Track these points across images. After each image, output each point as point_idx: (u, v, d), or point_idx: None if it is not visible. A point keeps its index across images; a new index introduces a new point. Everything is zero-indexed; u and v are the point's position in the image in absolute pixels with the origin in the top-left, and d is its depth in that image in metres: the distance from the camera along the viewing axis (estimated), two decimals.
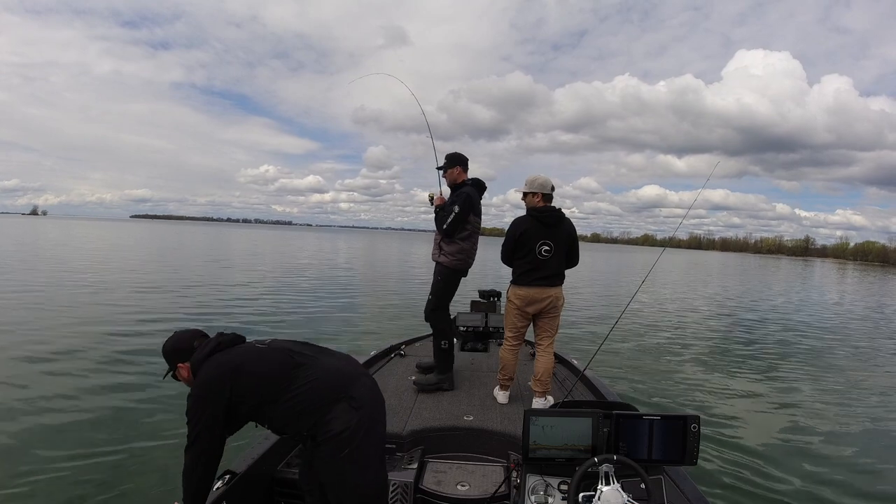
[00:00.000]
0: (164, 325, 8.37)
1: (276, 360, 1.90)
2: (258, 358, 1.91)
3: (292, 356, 1.92)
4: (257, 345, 2.00)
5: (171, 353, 2.02)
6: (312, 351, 2.01)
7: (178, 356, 2.00)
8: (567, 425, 1.93)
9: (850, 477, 3.86)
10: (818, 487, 3.68)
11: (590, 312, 12.53)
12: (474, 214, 3.63)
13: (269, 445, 2.47)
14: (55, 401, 4.82)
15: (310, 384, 1.83)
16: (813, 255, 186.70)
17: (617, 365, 7.12)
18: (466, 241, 3.65)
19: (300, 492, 2.32)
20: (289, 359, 1.90)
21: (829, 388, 6.42)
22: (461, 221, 3.56)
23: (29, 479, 3.40)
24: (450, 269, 3.66)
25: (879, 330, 12.65)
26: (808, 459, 4.13)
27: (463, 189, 3.64)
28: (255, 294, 12.97)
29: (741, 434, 4.63)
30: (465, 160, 3.78)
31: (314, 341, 2.16)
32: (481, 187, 3.79)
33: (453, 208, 3.55)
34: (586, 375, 3.76)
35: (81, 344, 6.87)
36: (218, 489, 2.05)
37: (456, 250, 3.64)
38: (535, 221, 3.40)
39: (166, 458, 3.72)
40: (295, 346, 2.00)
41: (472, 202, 3.59)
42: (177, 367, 2.01)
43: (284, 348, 1.97)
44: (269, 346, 1.98)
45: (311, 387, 1.83)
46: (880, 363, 8.42)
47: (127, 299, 10.92)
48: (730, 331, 10.71)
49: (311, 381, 1.84)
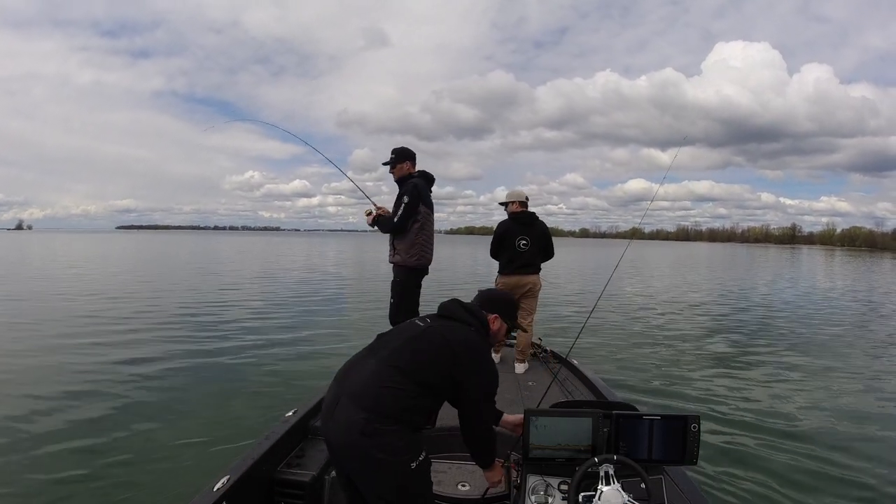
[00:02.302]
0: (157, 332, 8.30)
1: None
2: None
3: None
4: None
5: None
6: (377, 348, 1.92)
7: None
8: (567, 425, 1.93)
9: (853, 476, 3.84)
10: (819, 487, 3.67)
11: (586, 310, 12.40)
12: (424, 205, 3.60)
13: (269, 445, 2.44)
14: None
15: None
16: (800, 243, 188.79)
17: (617, 364, 7.10)
18: (419, 234, 3.60)
19: (300, 492, 2.32)
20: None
21: (832, 385, 6.36)
22: (412, 212, 3.53)
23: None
24: (406, 269, 3.63)
25: (884, 319, 12.56)
26: (809, 459, 4.12)
27: (410, 180, 3.62)
28: (241, 299, 12.85)
29: (742, 433, 4.61)
30: (413, 154, 3.74)
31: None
32: (430, 179, 3.77)
33: (403, 199, 3.54)
34: (586, 375, 3.78)
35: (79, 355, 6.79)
36: (218, 489, 2.02)
37: (408, 246, 3.60)
38: (514, 223, 4.35)
39: (151, 468, 3.70)
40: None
41: (420, 191, 3.58)
42: (491, 319, 2.06)
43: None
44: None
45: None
46: (886, 356, 8.29)
47: (119, 313, 10.78)
48: (730, 327, 10.64)
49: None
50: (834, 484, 3.73)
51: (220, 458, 3.60)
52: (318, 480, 2.42)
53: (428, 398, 1.80)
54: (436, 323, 1.95)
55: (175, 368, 6.29)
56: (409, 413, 1.73)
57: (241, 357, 6.97)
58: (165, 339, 7.93)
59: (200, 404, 5.07)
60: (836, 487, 3.68)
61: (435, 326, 1.92)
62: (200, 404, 5.07)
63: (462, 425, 1.92)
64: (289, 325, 9.63)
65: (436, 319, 1.98)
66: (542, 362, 4.43)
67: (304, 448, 2.68)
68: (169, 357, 6.82)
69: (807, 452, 4.24)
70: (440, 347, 1.83)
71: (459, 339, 1.87)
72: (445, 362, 1.81)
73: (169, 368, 6.28)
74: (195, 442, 4.12)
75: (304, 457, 2.59)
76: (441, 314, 2.01)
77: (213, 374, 6.16)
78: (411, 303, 3.73)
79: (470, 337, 1.91)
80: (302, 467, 2.48)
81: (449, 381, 1.81)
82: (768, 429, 4.74)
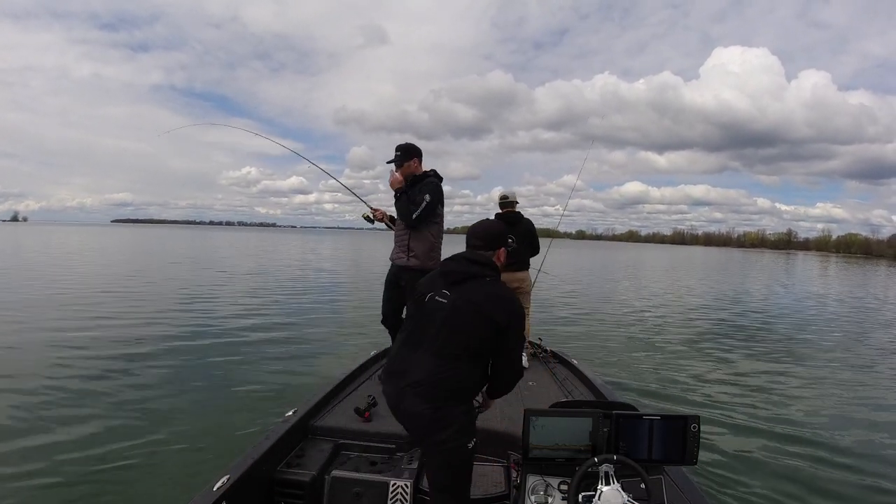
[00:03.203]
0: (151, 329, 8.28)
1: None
2: None
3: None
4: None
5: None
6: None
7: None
8: (567, 425, 1.94)
9: (853, 475, 3.87)
10: (820, 486, 3.69)
11: (585, 311, 12.55)
12: (441, 206, 3.40)
13: (269, 445, 2.45)
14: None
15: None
16: (796, 248, 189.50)
17: (617, 364, 7.12)
18: (438, 236, 3.44)
19: (300, 492, 2.33)
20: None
21: (830, 387, 6.40)
22: (433, 212, 3.32)
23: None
24: (420, 272, 3.20)
25: (882, 322, 12.68)
26: (808, 459, 4.15)
27: (429, 178, 3.40)
28: (241, 298, 12.82)
29: (742, 434, 4.64)
30: (419, 151, 3.50)
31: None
32: (441, 180, 3.54)
33: (424, 197, 3.29)
34: (586, 375, 3.80)
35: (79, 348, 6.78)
36: (218, 489, 2.03)
37: (428, 248, 3.38)
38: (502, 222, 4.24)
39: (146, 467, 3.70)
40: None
41: (442, 193, 3.38)
42: (497, 256, 2.15)
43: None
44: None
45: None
46: (886, 358, 8.35)
47: (111, 306, 10.74)
48: (730, 330, 10.70)
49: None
50: (833, 484, 3.76)
51: (220, 458, 3.60)
52: (318, 480, 2.43)
53: (479, 367, 1.98)
54: (455, 292, 1.98)
55: (174, 368, 6.26)
56: (467, 393, 1.97)
57: (240, 356, 6.95)
58: (164, 338, 7.87)
59: (200, 404, 5.05)
60: (836, 487, 3.71)
61: (459, 297, 1.97)
62: (200, 404, 5.05)
63: (499, 371, 2.04)
64: (289, 324, 9.60)
65: (453, 288, 2.00)
66: (542, 362, 4.43)
67: (304, 448, 2.69)
68: (167, 356, 6.78)
69: (806, 453, 4.28)
70: (474, 316, 1.93)
71: (487, 300, 1.96)
72: (485, 328, 1.92)
73: (168, 368, 6.24)
74: (195, 442, 4.12)
75: (304, 456, 2.60)
76: (455, 281, 2.02)
77: (212, 373, 6.13)
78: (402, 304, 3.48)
79: (492, 293, 1.99)
80: (302, 467, 2.49)
81: (490, 342, 1.94)
82: (768, 429, 4.78)
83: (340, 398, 3.31)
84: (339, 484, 2.43)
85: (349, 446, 2.76)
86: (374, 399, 3.04)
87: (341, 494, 2.41)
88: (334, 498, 2.41)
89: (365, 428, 2.84)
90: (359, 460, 2.65)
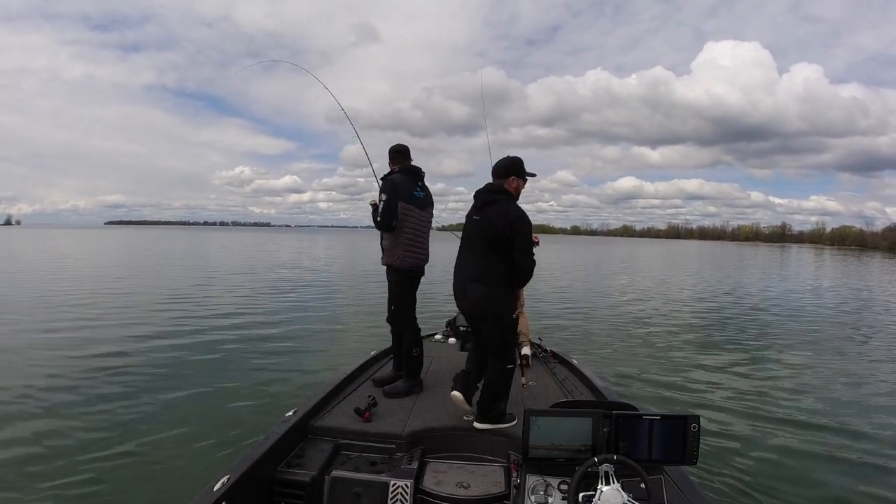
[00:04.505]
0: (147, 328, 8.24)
1: None
2: None
3: None
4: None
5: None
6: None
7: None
8: (567, 425, 1.95)
9: (854, 475, 3.87)
10: (819, 486, 3.70)
11: (583, 310, 12.54)
12: (404, 201, 3.44)
13: (269, 445, 2.45)
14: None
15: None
16: (790, 241, 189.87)
17: (617, 364, 7.11)
18: (404, 234, 3.47)
19: (300, 492, 2.33)
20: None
21: (832, 385, 6.37)
22: (391, 209, 3.40)
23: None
24: (401, 272, 3.51)
25: (882, 315, 12.66)
26: (809, 458, 4.15)
27: (388, 177, 3.53)
28: (240, 297, 12.79)
29: (742, 434, 4.63)
30: (399, 152, 3.63)
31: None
32: (415, 174, 3.60)
33: (381, 196, 3.43)
34: (586, 375, 3.80)
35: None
36: (218, 489, 2.02)
37: (391, 246, 3.49)
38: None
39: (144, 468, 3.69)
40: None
41: (396, 186, 3.43)
42: (508, 182, 2.94)
43: None
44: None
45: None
46: (885, 355, 8.32)
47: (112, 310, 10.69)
48: (730, 328, 10.65)
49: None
50: (834, 483, 3.75)
51: (220, 458, 3.62)
52: (318, 480, 2.43)
53: (505, 258, 2.80)
54: (480, 214, 2.88)
55: (174, 368, 6.25)
56: (507, 276, 2.83)
57: (240, 356, 6.94)
58: (163, 339, 7.87)
59: (199, 404, 5.05)
60: (836, 487, 3.70)
61: (483, 217, 2.86)
62: (199, 404, 5.05)
63: (517, 259, 2.80)
64: (288, 323, 9.59)
65: (480, 210, 2.89)
66: (542, 362, 4.41)
67: (303, 448, 2.69)
68: (166, 357, 6.77)
69: (807, 452, 4.27)
70: (492, 227, 2.80)
71: (497, 216, 2.80)
72: (500, 233, 2.77)
73: (167, 368, 6.24)
74: (195, 442, 4.12)
75: (304, 457, 2.59)
76: (479, 205, 2.91)
77: (212, 373, 6.13)
78: (408, 305, 3.61)
79: (501, 212, 2.81)
80: (302, 467, 2.48)
81: (506, 240, 2.76)
82: (769, 429, 4.77)
83: (340, 398, 3.30)
84: (339, 484, 2.43)
85: (349, 446, 2.76)
86: (374, 399, 3.05)
87: (341, 494, 2.41)
88: (334, 498, 2.41)
89: (365, 428, 2.84)
90: (359, 460, 2.64)
